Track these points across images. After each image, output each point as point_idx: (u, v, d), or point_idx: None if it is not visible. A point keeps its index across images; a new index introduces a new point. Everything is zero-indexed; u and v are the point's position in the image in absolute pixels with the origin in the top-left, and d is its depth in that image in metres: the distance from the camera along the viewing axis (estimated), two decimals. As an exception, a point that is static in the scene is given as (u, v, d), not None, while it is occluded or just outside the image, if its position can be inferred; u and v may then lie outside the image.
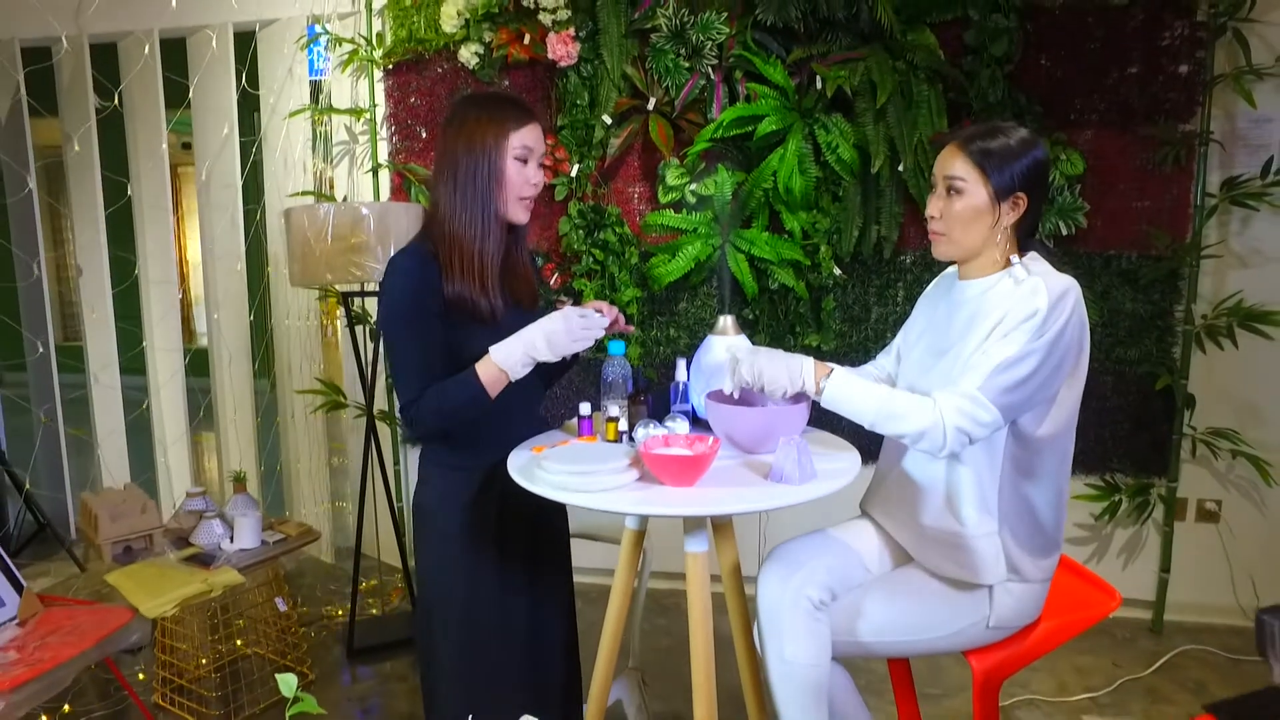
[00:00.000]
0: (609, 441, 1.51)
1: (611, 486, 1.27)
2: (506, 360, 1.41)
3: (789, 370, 1.38)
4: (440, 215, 1.46)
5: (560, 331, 1.41)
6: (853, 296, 2.83)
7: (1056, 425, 1.39)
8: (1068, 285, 1.33)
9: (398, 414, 1.45)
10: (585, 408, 1.56)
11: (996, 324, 1.34)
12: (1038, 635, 1.46)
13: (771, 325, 2.85)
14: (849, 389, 1.37)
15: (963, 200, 1.39)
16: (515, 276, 1.58)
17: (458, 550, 1.53)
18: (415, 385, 1.43)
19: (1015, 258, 1.41)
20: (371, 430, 2.73)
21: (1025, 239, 1.44)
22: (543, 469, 1.31)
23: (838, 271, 2.76)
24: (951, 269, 1.54)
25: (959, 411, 1.30)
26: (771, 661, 1.41)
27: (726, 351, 1.49)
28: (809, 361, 1.40)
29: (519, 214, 1.50)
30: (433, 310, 1.44)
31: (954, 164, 1.40)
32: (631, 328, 1.69)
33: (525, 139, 1.45)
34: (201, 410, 3.56)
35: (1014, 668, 1.45)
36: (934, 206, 1.44)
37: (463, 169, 1.44)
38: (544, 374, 1.65)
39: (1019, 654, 1.44)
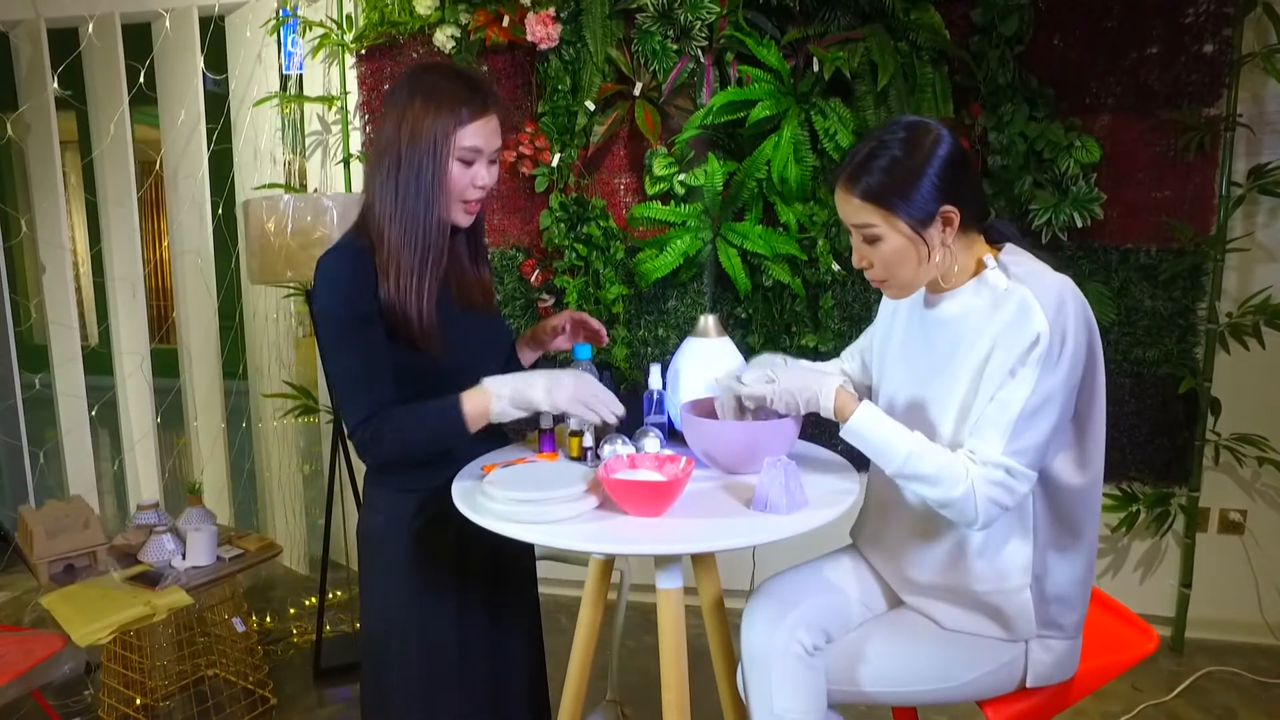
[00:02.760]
0: (572, 459, 1.34)
1: (565, 517, 1.10)
2: (498, 387, 1.25)
3: (806, 400, 1.21)
4: (377, 214, 1.27)
5: (566, 385, 1.25)
6: (852, 294, 2.66)
7: (1094, 466, 1.21)
8: (1061, 291, 1.12)
9: (350, 433, 1.28)
10: (547, 420, 1.39)
11: (989, 351, 1.14)
12: (1069, 687, 1.28)
13: (766, 325, 2.69)
14: (873, 434, 1.18)
15: (885, 244, 1.17)
16: (467, 279, 1.41)
17: (408, 582, 1.36)
18: (364, 401, 1.25)
19: (989, 258, 1.20)
20: (339, 435, 2.57)
21: (985, 226, 1.24)
22: (486, 495, 1.13)
23: (836, 267, 2.59)
24: None
25: (992, 484, 1.11)
26: (759, 716, 1.23)
27: (738, 381, 1.31)
28: (829, 389, 1.21)
29: (460, 218, 1.31)
30: (370, 312, 1.26)
31: (852, 211, 1.18)
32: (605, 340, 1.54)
33: (474, 138, 1.26)
34: (160, 413, 3.39)
35: (1036, 721, 1.27)
36: (858, 256, 1.22)
37: (405, 167, 1.24)
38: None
39: (1044, 705, 1.26)
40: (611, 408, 1.26)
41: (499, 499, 1.11)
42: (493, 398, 1.25)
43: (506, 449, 1.47)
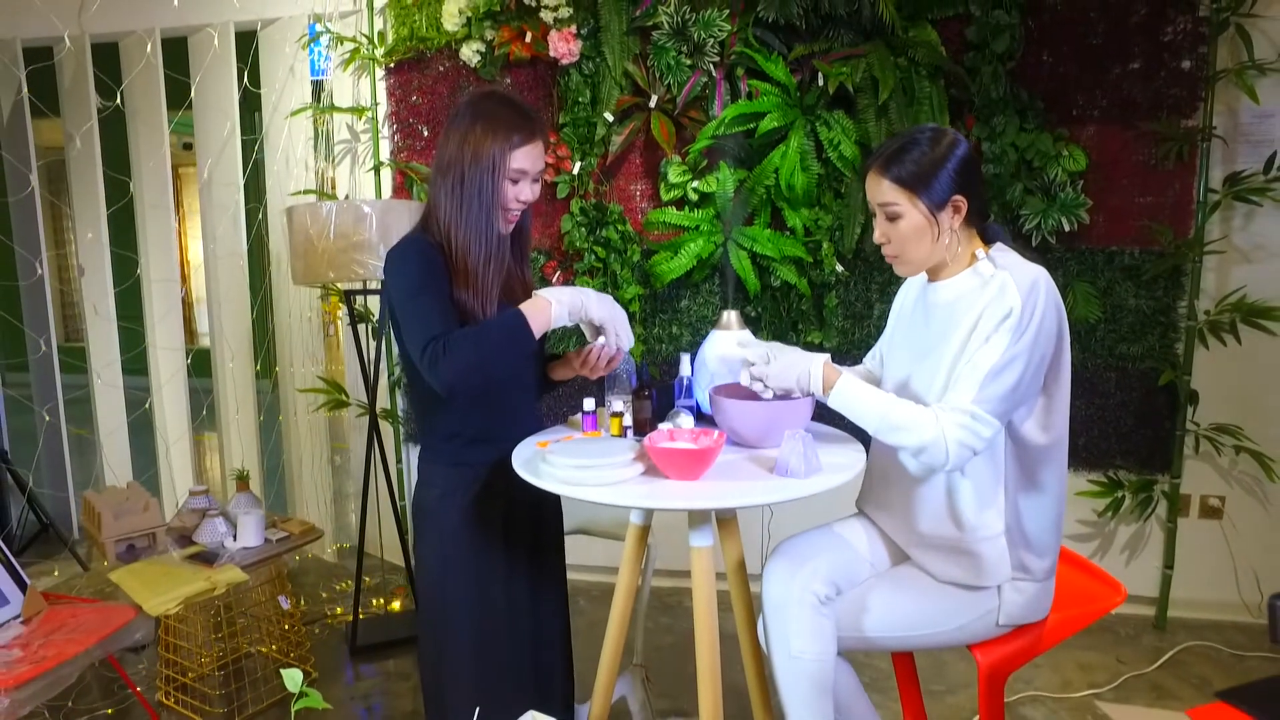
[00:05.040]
0: (613, 436, 1.51)
1: (617, 480, 1.27)
2: (555, 294, 1.39)
3: (798, 376, 1.40)
4: (442, 220, 1.45)
5: (609, 303, 1.43)
6: (855, 293, 2.83)
7: (1057, 428, 1.39)
8: (1036, 275, 1.32)
9: (420, 356, 1.34)
10: (589, 403, 1.56)
11: (973, 326, 1.33)
12: (1043, 629, 1.46)
13: (774, 322, 2.85)
14: (855, 396, 1.37)
15: (903, 222, 1.39)
16: (514, 283, 1.57)
17: (461, 549, 1.52)
18: (435, 324, 1.36)
19: (981, 251, 1.41)
20: (374, 428, 2.73)
21: (983, 226, 1.45)
22: (548, 463, 1.31)
23: (840, 268, 2.76)
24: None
25: (959, 427, 1.29)
26: (777, 657, 1.41)
27: (739, 347, 1.49)
28: (817, 367, 1.40)
29: (501, 227, 1.49)
30: (445, 286, 1.42)
31: (881, 191, 1.40)
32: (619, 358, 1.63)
33: (522, 160, 1.44)
34: (205, 409, 3.55)
35: (1019, 662, 1.45)
36: (879, 233, 1.44)
37: (467, 183, 1.42)
38: (544, 380, 1.66)
39: (1025, 648, 1.44)
40: (626, 339, 1.45)
41: (561, 466, 1.28)
42: (552, 304, 1.39)
43: (554, 429, 1.64)
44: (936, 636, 1.44)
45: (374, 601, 3.08)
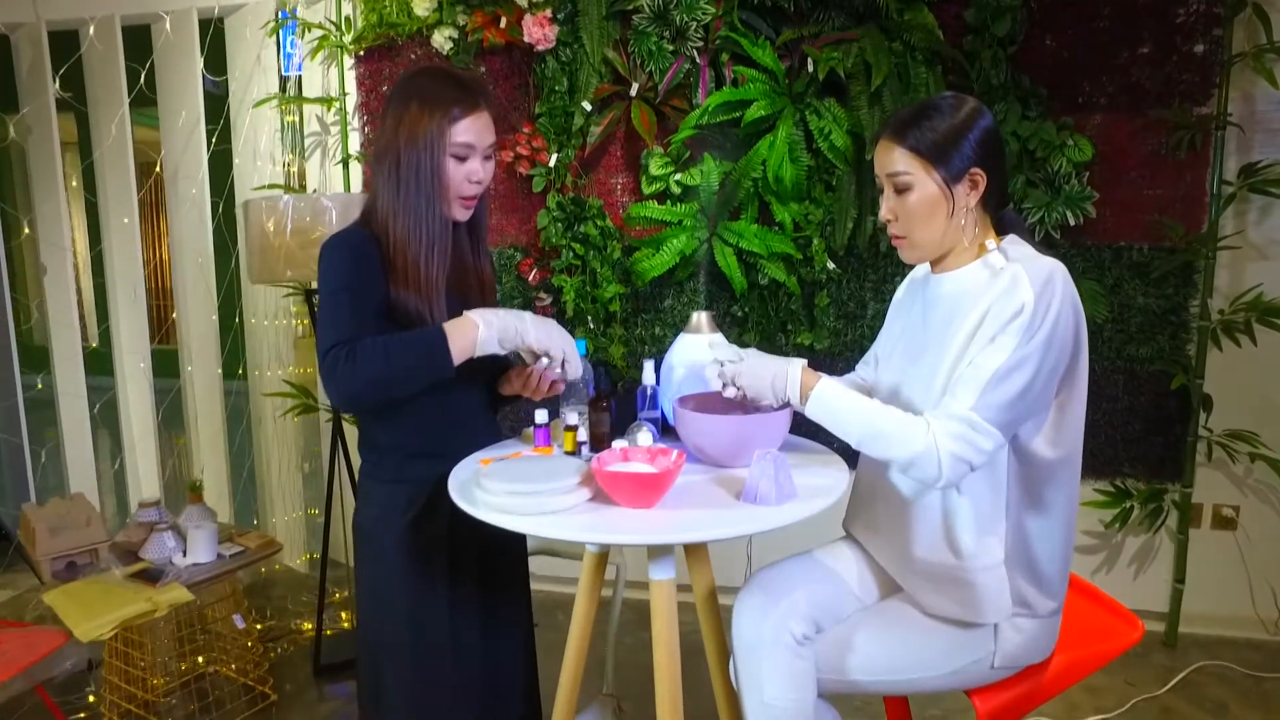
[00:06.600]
0: (567, 453, 1.36)
1: (559, 509, 1.12)
2: (486, 315, 1.26)
3: (773, 383, 1.25)
4: (381, 210, 1.33)
5: (553, 326, 1.29)
6: (847, 292, 2.68)
7: (1068, 443, 1.24)
8: (1051, 269, 1.17)
9: (321, 360, 1.23)
10: (542, 415, 1.41)
11: (978, 324, 1.18)
12: (1050, 672, 1.30)
13: (762, 323, 2.71)
14: (836, 402, 1.22)
15: (914, 194, 1.24)
16: (468, 277, 1.43)
17: (399, 575, 1.38)
18: (345, 327, 1.23)
19: (991, 242, 1.26)
20: (338, 433, 2.59)
21: (999, 214, 1.30)
22: (482, 488, 1.15)
23: (831, 265, 2.61)
24: (924, 265, 1.39)
25: (955, 437, 1.14)
26: (749, 703, 1.26)
27: (710, 348, 1.35)
28: (795, 370, 1.25)
29: (457, 213, 1.36)
30: (374, 286, 1.29)
31: (893, 159, 1.25)
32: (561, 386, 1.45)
33: (466, 134, 1.31)
34: (160, 412, 3.41)
35: (1023, 710, 1.29)
36: (886, 209, 1.29)
37: (404, 165, 1.30)
38: (494, 395, 1.52)
39: (1029, 694, 1.28)
40: (574, 368, 1.32)
41: (494, 491, 1.13)
42: (479, 325, 1.25)
43: (504, 443, 1.49)
44: (928, 681, 1.28)
45: (342, 615, 2.94)
